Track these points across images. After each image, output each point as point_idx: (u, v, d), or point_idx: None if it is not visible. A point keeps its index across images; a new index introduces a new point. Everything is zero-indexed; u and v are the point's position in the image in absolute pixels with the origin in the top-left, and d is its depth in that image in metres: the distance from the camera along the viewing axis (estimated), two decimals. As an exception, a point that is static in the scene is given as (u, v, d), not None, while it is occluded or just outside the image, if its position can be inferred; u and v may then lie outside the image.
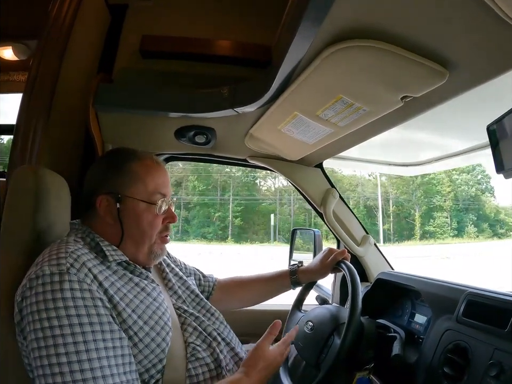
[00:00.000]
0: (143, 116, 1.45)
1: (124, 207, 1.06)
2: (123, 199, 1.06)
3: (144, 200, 1.07)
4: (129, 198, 1.06)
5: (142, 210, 1.07)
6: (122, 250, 1.06)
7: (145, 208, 1.08)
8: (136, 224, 1.07)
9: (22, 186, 1.07)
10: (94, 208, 1.07)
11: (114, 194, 1.05)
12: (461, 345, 1.06)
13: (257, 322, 1.97)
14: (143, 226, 1.08)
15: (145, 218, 1.07)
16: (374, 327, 1.29)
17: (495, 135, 0.97)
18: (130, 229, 1.06)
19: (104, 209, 1.06)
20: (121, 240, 1.06)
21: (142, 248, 1.09)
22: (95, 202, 1.06)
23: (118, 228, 1.06)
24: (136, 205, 1.07)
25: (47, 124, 1.33)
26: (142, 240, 1.09)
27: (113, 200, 1.06)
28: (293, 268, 1.52)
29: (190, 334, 1.11)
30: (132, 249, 1.08)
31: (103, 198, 1.05)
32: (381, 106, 1.10)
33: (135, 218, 1.07)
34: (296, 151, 1.66)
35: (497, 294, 1.10)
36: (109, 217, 1.06)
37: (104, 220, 1.06)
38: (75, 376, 0.80)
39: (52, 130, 1.35)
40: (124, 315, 0.93)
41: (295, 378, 1.34)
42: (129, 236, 1.06)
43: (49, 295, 0.84)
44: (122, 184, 1.07)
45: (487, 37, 0.78)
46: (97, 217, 1.07)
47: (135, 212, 1.07)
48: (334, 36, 0.86)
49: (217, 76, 1.37)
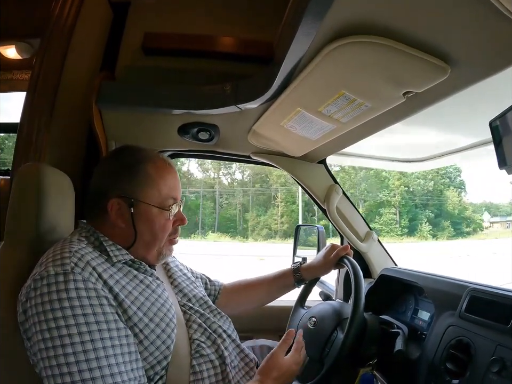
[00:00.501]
0: (146, 113, 1.46)
1: (137, 212, 1.04)
2: (136, 203, 1.04)
3: (157, 206, 1.07)
4: (142, 203, 1.05)
5: (154, 215, 1.06)
6: (132, 252, 1.05)
7: (158, 213, 1.07)
8: (148, 228, 1.06)
9: (26, 183, 1.07)
10: (104, 211, 1.05)
11: (127, 199, 1.04)
12: (463, 341, 1.07)
13: (261, 318, 1.98)
14: (155, 231, 1.07)
15: (157, 223, 1.07)
16: (377, 323, 1.29)
17: (498, 130, 0.97)
18: (142, 232, 1.05)
19: (115, 213, 1.04)
20: (133, 242, 1.05)
21: (152, 250, 1.09)
22: (106, 205, 1.03)
23: (129, 232, 1.05)
24: (149, 210, 1.06)
25: (51, 121, 1.34)
26: (154, 243, 1.08)
27: (125, 204, 1.04)
28: (296, 265, 1.53)
29: (195, 331, 1.11)
30: (141, 251, 1.08)
31: (114, 202, 1.03)
32: (383, 102, 1.10)
33: (148, 223, 1.06)
34: (299, 147, 1.66)
35: (500, 290, 1.10)
36: (120, 221, 1.04)
37: (114, 223, 1.05)
38: (84, 375, 0.80)
39: (55, 128, 1.36)
40: (129, 312, 0.93)
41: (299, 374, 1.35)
42: (140, 239, 1.06)
43: (55, 296, 0.84)
44: (135, 187, 1.05)
45: (488, 33, 0.78)
46: (106, 219, 1.06)
47: (147, 217, 1.06)
48: (336, 32, 0.86)
49: (220, 73, 1.37)
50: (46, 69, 1.33)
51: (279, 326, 1.77)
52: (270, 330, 1.96)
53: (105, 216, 1.05)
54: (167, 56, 1.43)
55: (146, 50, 1.41)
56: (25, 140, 1.33)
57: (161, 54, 1.43)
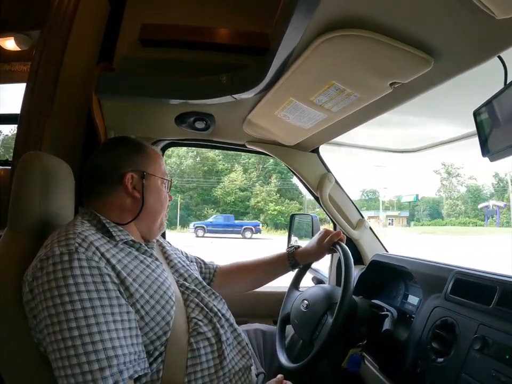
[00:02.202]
0: (144, 103, 1.48)
1: (147, 183, 1.18)
2: (146, 176, 1.18)
3: (161, 177, 1.23)
4: (151, 175, 1.19)
5: (160, 186, 1.23)
6: (137, 225, 1.18)
7: (162, 184, 1.23)
8: (157, 197, 1.21)
9: (29, 171, 1.09)
10: (114, 188, 1.15)
11: (140, 172, 1.17)
12: (448, 321, 1.12)
13: (255, 303, 2.03)
14: (161, 200, 1.23)
15: (162, 193, 1.24)
16: (367, 305, 1.34)
17: (481, 119, 1.02)
18: (152, 202, 1.19)
19: (131, 186, 1.15)
20: (139, 212, 1.15)
21: (157, 220, 1.23)
22: (122, 179, 1.14)
23: (138, 203, 1.16)
24: (156, 181, 1.21)
25: (51, 112, 1.36)
26: (160, 213, 1.23)
27: (138, 177, 1.17)
28: (290, 250, 1.56)
29: (193, 310, 1.15)
30: (148, 223, 1.21)
31: (129, 176, 1.14)
32: (371, 92, 1.14)
33: (156, 193, 1.21)
34: (292, 136, 1.69)
35: (483, 273, 1.15)
36: (137, 192, 1.16)
37: (124, 198, 1.15)
38: (87, 348, 0.85)
39: (55, 118, 1.38)
40: (131, 289, 0.98)
41: (292, 356, 1.39)
42: (149, 209, 1.18)
43: (60, 274, 0.88)
44: (144, 163, 1.19)
45: (469, 26, 0.81)
46: (112, 198, 1.14)
47: (157, 187, 1.21)
48: (325, 26, 0.90)
49: (216, 64, 1.40)
50: (45, 60, 1.35)
51: (273, 311, 1.82)
52: (264, 315, 2.01)
53: (113, 192, 1.15)
54: (164, 47, 1.45)
55: (144, 41, 1.43)
56: (25, 130, 1.36)
57: (159, 45, 1.44)
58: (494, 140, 0.99)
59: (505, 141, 0.94)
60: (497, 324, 0.98)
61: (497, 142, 0.98)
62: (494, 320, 0.99)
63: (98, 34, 1.53)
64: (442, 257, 2.09)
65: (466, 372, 0.99)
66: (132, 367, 0.90)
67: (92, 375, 0.84)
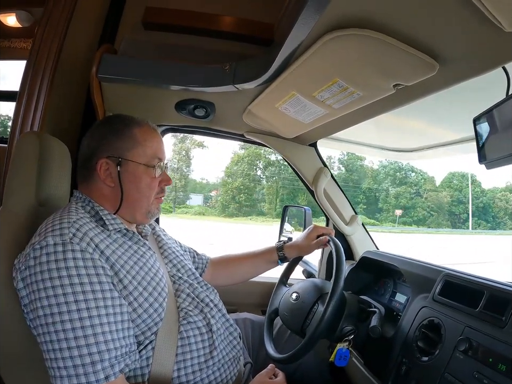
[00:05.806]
0: (145, 87, 1.46)
1: (124, 170, 1.09)
2: (123, 162, 1.09)
3: (143, 163, 1.12)
4: (129, 161, 1.10)
5: (141, 173, 1.11)
6: (121, 213, 1.12)
7: (144, 171, 1.12)
8: (135, 185, 1.11)
9: (27, 151, 1.09)
10: (93, 174, 1.10)
11: (114, 158, 1.09)
12: (434, 322, 1.14)
13: (245, 293, 2.05)
14: (141, 188, 1.12)
15: (143, 181, 1.12)
16: (356, 301, 1.35)
17: (480, 127, 1.03)
18: (130, 191, 1.10)
19: (104, 173, 1.09)
20: (120, 202, 1.09)
21: (139, 208, 1.14)
22: (95, 166, 1.08)
23: (117, 192, 1.09)
24: (135, 168, 1.11)
25: (50, 91, 1.35)
26: (141, 201, 1.13)
27: (113, 163, 1.09)
28: (280, 244, 1.58)
29: (183, 300, 1.16)
30: (130, 211, 1.13)
31: (103, 162, 1.08)
32: (374, 92, 1.14)
33: (135, 181, 1.11)
34: (291, 129, 1.69)
35: (472, 277, 1.17)
36: (109, 181, 1.09)
37: (102, 186, 1.10)
38: (79, 341, 0.85)
39: (54, 98, 1.37)
40: (125, 282, 0.98)
41: (279, 346, 1.41)
42: (128, 198, 1.10)
43: (53, 265, 0.87)
44: (122, 147, 1.10)
45: (476, 36, 0.82)
46: (95, 184, 1.10)
47: (134, 175, 1.11)
48: (334, 23, 0.89)
49: (219, 51, 1.38)
50: (47, 38, 1.34)
51: (262, 301, 1.84)
52: (253, 304, 2.04)
53: (94, 179, 1.10)
54: (167, 32, 1.42)
55: (147, 24, 1.40)
56: (24, 108, 1.35)
57: (162, 29, 1.42)
58: (491, 148, 1.00)
59: (502, 151, 0.95)
60: (483, 327, 1.00)
61: (495, 151, 0.99)
62: (480, 323, 1.01)
63: (101, 15, 1.50)
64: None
65: (449, 372, 1.00)
66: (123, 361, 0.91)
67: (84, 369, 0.85)
